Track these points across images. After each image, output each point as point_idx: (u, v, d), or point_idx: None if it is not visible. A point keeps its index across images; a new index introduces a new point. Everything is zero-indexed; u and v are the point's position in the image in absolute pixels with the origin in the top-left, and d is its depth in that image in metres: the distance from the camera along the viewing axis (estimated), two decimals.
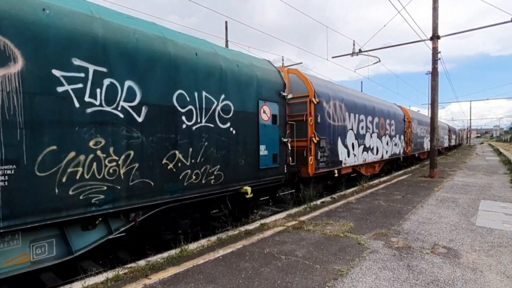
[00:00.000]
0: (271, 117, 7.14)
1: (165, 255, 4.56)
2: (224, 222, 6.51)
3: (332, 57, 17.71)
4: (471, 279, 3.66)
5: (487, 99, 47.51)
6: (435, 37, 12.54)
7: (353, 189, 10.41)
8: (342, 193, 9.74)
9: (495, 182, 11.46)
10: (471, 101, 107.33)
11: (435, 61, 12.68)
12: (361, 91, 21.40)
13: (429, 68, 13.60)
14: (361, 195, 9.30)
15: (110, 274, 3.88)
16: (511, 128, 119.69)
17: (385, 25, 14.92)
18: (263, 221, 6.37)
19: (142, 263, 4.30)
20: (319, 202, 8.35)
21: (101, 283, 3.66)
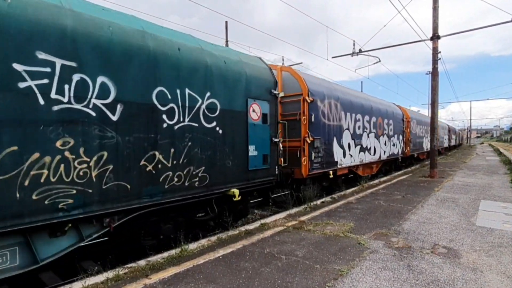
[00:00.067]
0: (261, 116, 6.86)
1: (165, 255, 4.53)
2: (212, 226, 6.24)
3: (332, 57, 17.69)
4: (471, 279, 3.63)
5: (487, 99, 47.75)
6: (435, 37, 12.44)
7: (353, 189, 10.36)
8: (342, 193, 9.65)
9: (495, 182, 11.39)
10: (471, 101, 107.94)
11: (435, 61, 12.59)
12: (361, 91, 21.19)
13: (429, 68, 13.50)
14: (361, 195, 9.24)
15: (110, 274, 3.85)
16: (511, 128, 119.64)
17: (385, 25, 14.84)
18: (263, 221, 6.35)
19: (142, 263, 4.27)
20: (319, 202, 8.30)
21: (101, 282, 3.63)
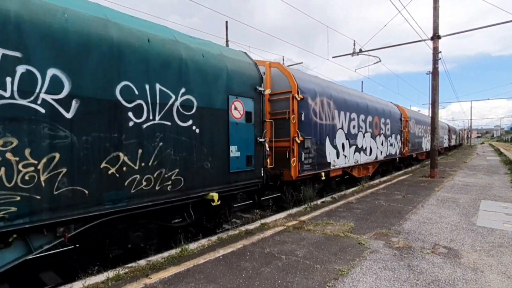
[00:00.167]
0: (244, 114, 6.34)
1: (166, 254, 4.55)
2: (193, 233, 5.93)
3: (332, 57, 17.81)
4: (472, 279, 3.66)
5: (488, 99, 47.83)
6: (435, 37, 12.51)
7: (353, 189, 10.40)
8: (342, 193, 9.71)
9: (495, 182, 11.45)
10: (471, 101, 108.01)
11: (435, 61, 12.66)
12: (361, 91, 21.34)
13: (430, 68, 13.62)
14: (361, 195, 9.29)
15: (110, 273, 3.88)
16: (511, 128, 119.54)
17: (385, 25, 14.90)
18: (263, 221, 6.37)
19: (142, 262, 4.28)
20: (319, 202, 8.36)
21: (102, 282, 3.66)
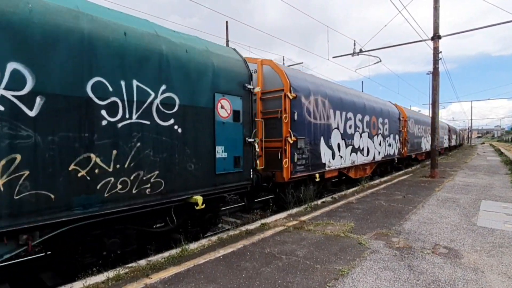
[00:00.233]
0: (231, 113, 6.10)
1: (166, 254, 4.55)
2: (173, 238, 5.65)
3: (333, 57, 17.87)
4: (472, 280, 3.66)
5: (488, 99, 47.91)
6: (436, 37, 12.52)
7: (353, 189, 10.42)
8: (342, 193, 9.72)
9: (496, 182, 11.46)
10: (472, 101, 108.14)
11: (436, 61, 12.67)
12: (361, 91, 21.33)
13: (430, 68, 13.61)
14: (361, 195, 9.30)
15: (111, 273, 3.88)
16: None
17: (385, 25, 14.95)
18: (263, 221, 6.37)
19: (143, 262, 4.27)
20: (319, 202, 8.38)
21: (102, 282, 3.66)
